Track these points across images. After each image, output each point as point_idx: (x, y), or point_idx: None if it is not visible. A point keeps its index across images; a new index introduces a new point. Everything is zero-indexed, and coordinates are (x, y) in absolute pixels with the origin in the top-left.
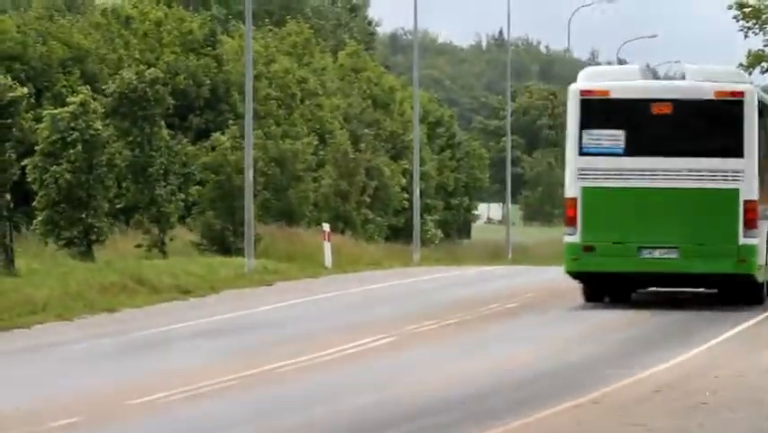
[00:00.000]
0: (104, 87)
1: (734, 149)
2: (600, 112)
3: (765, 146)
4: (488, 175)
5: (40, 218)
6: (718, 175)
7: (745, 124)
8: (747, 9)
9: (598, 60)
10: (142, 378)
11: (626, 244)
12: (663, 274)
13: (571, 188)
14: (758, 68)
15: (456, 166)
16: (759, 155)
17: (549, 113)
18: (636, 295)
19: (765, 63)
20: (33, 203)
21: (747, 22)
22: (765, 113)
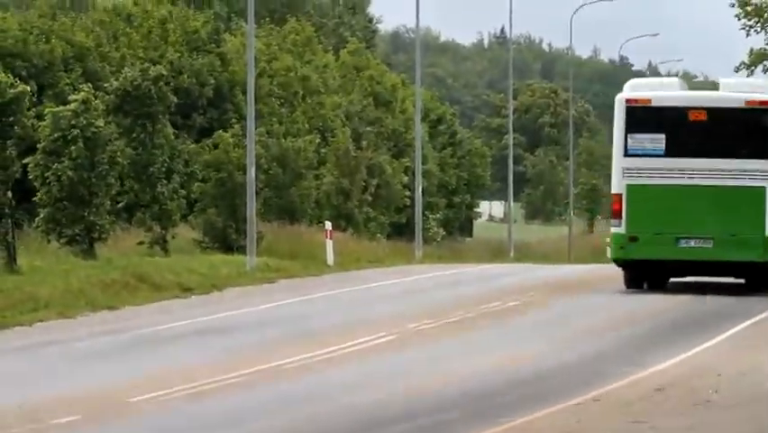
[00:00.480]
0: (106, 85)
1: (761, 151)
2: (643, 118)
3: None
4: (489, 173)
5: (42, 216)
6: (747, 174)
7: None
8: (749, 7)
9: (600, 58)
10: (144, 376)
11: (665, 234)
12: (698, 262)
13: (617, 186)
14: (760, 66)
15: (458, 164)
16: None
17: (551, 111)
18: (642, 294)
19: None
20: (35, 200)
21: (749, 20)
22: None
